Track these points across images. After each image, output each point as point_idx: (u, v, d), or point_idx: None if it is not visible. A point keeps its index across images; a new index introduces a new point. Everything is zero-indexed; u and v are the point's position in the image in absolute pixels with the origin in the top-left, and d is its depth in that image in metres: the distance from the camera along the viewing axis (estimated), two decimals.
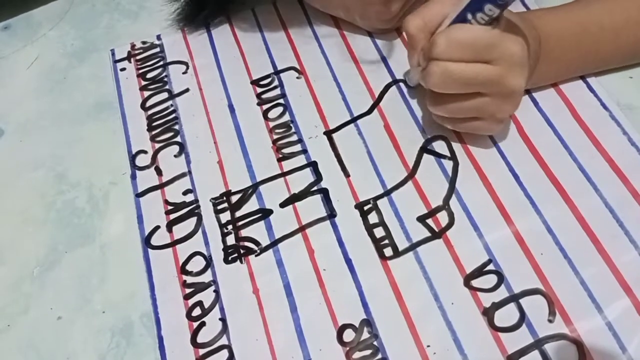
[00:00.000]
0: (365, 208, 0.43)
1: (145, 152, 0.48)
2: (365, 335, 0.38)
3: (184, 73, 0.53)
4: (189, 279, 0.42)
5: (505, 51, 0.38)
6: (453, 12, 0.40)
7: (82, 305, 0.42)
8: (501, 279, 0.39)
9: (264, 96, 0.50)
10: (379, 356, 0.37)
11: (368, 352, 0.38)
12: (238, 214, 0.44)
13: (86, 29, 0.60)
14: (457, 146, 0.45)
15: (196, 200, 0.45)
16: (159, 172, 0.47)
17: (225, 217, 0.44)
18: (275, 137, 0.48)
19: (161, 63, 0.54)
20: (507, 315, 0.38)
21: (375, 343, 0.38)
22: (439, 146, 0.45)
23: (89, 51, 0.58)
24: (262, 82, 0.51)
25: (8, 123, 0.53)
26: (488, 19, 0.38)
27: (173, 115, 0.50)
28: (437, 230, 0.42)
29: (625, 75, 0.47)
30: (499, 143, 0.45)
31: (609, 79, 0.47)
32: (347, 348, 0.38)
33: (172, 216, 0.45)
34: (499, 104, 0.40)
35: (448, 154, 0.45)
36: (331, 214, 0.43)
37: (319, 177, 0.45)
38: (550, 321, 0.37)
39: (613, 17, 0.44)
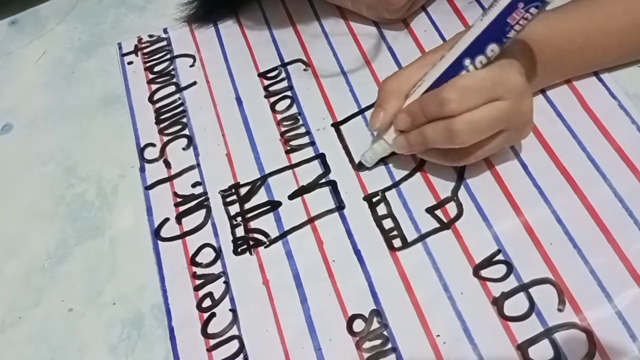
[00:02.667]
0: (374, 200, 0.44)
1: (153, 145, 0.49)
2: (375, 325, 0.38)
3: (191, 66, 0.53)
4: (199, 271, 0.42)
5: (509, 83, 0.38)
6: (437, 69, 0.39)
7: (93, 297, 0.43)
8: (510, 268, 0.39)
9: (271, 88, 0.50)
10: (389, 346, 0.37)
11: (378, 341, 0.38)
12: (247, 206, 0.44)
13: (93, 24, 0.60)
14: None
15: (205, 193, 0.45)
16: (167, 164, 0.47)
17: (234, 209, 0.44)
18: (283, 129, 0.48)
19: (168, 56, 0.54)
20: (516, 305, 0.38)
21: (385, 333, 0.38)
22: None
23: (96, 45, 0.58)
24: (269, 75, 0.51)
25: (16, 118, 0.54)
26: (486, 62, 0.38)
27: (181, 108, 0.50)
28: (445, 221, 0.42)
29: (634, 64, 0.47)
30: None
31: (617, 68, 0.47)
32: (357, 338, 0.38)
33: (182, 208, 0.45)
34: (519, 131, 0.41)
35: None
36: (340, 206, 0.44)
37: (327, 169, 0.45)
38: (560, 310, 0.37)
39: (617, 21, 0.43)
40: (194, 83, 0.52)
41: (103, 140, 0.51)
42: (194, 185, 0.46)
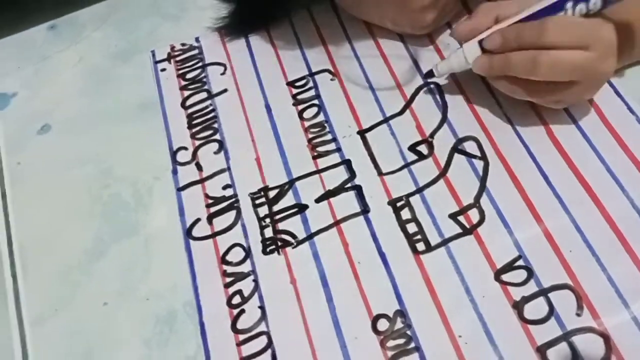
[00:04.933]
0: (398, 204, 0.45)
1: (185, 148, 0.51)
2: (399, 325, 0.40)
3: (222, 74, 0.55)
4: (229, 269, 0.44)
5: (601, 37, 0.41)
6: (537, 5, 0.42)
7: (127, 293, 0.44)
8: (531, 274, 0.41)
9: (299, 97, 0.52)
10: (413, 345, 0.39)
11: (402, 340, 0.39)
12: (275, 208, 0.46)
13: (128, 31, 0.62)
14: (487, 146, 0.47)
15: (235, 195, 0.47)
16: (199, 167, 0.49)
17: (263, 211, 0.46)
18: (310, 136, 0.50)
19: (200, 64, 0.56)
20: (536, 309, 0.39)
21: (408, 332, 0.40)
22: (470, 146, 0.47)
23: (131, 52, 0.60)
24: (297, 84, 0.53)
25: (54, 119, 0.56)
26: (585, 12, 0.41)
27: (212, 114, 0.53)
28: (468, 227, 0.43)
29: None
30: (528, 144, 0.46)
31: (634, 79, 0.48)
32: (382, 337, 0.40)
33: (212, 209, 0.47)
34: (589, 88, 0.43)
35: (479, 154, 0.46)
36: (365, 210, 0.45)
37: (352, 175, 0.47)
38: (578, 315, 0.39)
39: None
40: (225, 90, 0.54)
41: (137, 144, 0.53)
42: (224, 188, 0.48)
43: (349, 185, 0.47)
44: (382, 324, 0.40)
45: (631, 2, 0.44)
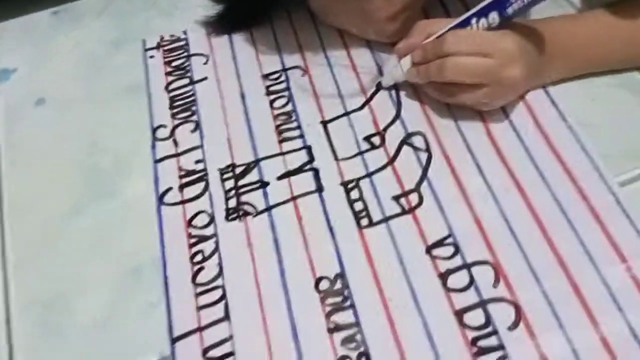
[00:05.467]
0: (349, 186, 0.51)
1: (165, 126, 0.56)
2: (338, 285, 0.45)
3: (204, 64, 0.61)
4: (194, 232, 0.49)
5: (501, 46, 0.48)
6: (450, 24, 0.50)
7: (102, 246, 0.50)
8: (457, 250, 0.46)
9: (271, 88, 0.58)
10: (348, 303, 0.44)
11: (339, 298, 0.45)
12: (240, 182, 0.52)
13: (124, 23, 0.68)
14: (432, 141, 0.53)
15: (205, 169, 0.53)
16: (175, 143, 0.55)
17: (229, 184, 0.52)
18: (278, 122, 0.56)
19: (185, 54, 0.62)
20: (458, 280, 0.45)
21: (345, 293, 0.45)
22: (417, 140, 0.53)
23: (124, 41, 0.66)
24: (271, 77, 0.59)
25: (49, 95, 0.61)
26: (487, 26, 0.49)
27: (192, 98, 0.58)
28: (407, 209, 0.49)
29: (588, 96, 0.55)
30: (468, 140, 0.52)
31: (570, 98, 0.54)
32: (322, 294, 0.45)
33: (184, 180, 0.52)
34: (498, 92, 0.50)
35: (424, 147, 0.52)
36: (319, 189, 0.51)
37: (312, 158, 0.53)
38: (494, 287, 0.44)
39: (621, 21, 0.52)
40: (205, 78, 0.60)
41: (123, 121, 0.58)
42: (196, 162, 0.53)
43: (307, 167, 0.52)
44: (324, 284, 0.45)
45: (561, 17, 0.52)
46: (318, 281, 0.46)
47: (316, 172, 0.52)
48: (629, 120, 0.53)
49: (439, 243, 0.47)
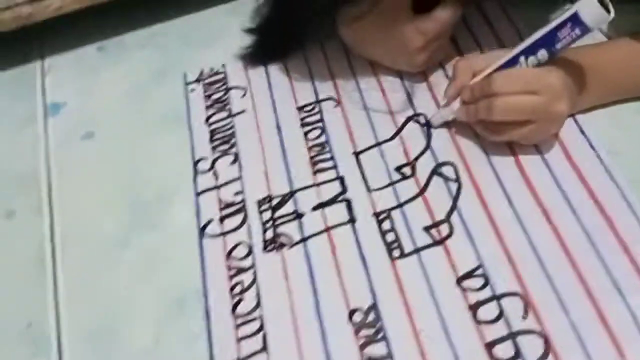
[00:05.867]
0: (381, 217, 0.53)
1: (205, 159, 0.59)
2: (372, 317, 0.47)
3: (242, 97, 0.64)
4: (234, 263, 0.52)
5: (547, 82, 0.49)
6: (500, 60, 0.52)
7: (147, 278, 0.52)
8: (487, 281, 0.47)
9: (305, 120, 0.61)
10: (381, 335, 0.46)
11: (372, 330, 0.46)
12: (277, 214, 0.54)
13: (166, 55, 0.71)
14: (463, 171, 0.54)
15: (244, 201, 0.55)
16: (215, 176, 0.58)
17: (267, 215, 0.54)
18: (312, 154, 0.58)
19: (224, 87, 0.65)
20: (488, 311, 0.46)
21: (378, 325, 0.47)
22: (447, 170, 0.54)
23: (166, 74, 0.69)
24: (305, 109, 0.62)
25: (97, 128, 0.65)
26: (537, 63, 0.50)
27: (231, 130, 0.61)
28: (438, 239, 0.50)
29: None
30: (498, 172, 0.53)
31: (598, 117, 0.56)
32: (356, 327, 0.47)
33: (224, 212, 0.55)
34: (545, 128, 0.51)
35: (454, 177, 0.54)
36: (352, 219, 0.53)
37: (344, 189, 0.55)
38: (524, 318, 0.45)
39: None
40: (244, 111, 0.63)
41: (165, 153, 0.61)
42: (235, 194, 0.56)
43: (340, 198, 0.54)
44: (357, 316, 0.47)
45: (584, 52, 0.53)
46: (352, 313, 0.48)
47: (349, 203, 0.54)
48: None
49: (469, 274, 0.48)
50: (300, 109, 0.62)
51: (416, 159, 0.56)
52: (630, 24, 0.54)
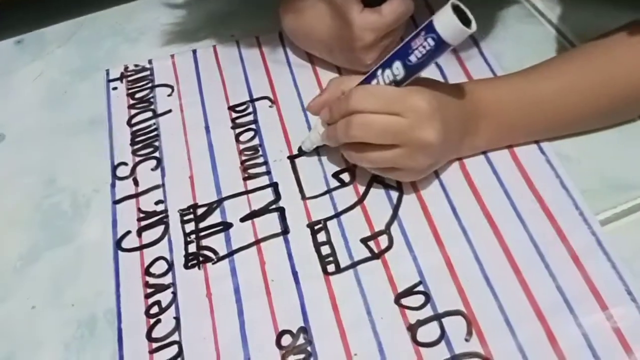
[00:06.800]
0: (316, 227, 0.48)
1: (126, 164, 0.54)
2: (301, 340, 0.42)
3: (169, 95, 0.58)
4: (151, 280, 0.46)
5: (412, 104, 0.43)
6: (361, 79, 0.46)
7: (55, 298, 0.47)
8: (428, 299, 0.43)
9: (237, 121, 0.56)
10: None
11: (301, 356, 0.42)
12: (202, 225, 0.49)
13: (90, 50, 0.66)
14: None
15: (166, 210, 0.50)
16: (136, 182, 0.52)
17: (190, 227, 0.49)
18: (243, 158, 0.53)
19: (149, 85, 0.59)
20: (429, 332, 0.42)
21: (309, 348, 0.42)
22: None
23: (89, 70, 0.63)
24: (237, 108, 0.57)
25: (9, 130, 0.59)
26: (392, 79, 0.44)
27: (155, 132, 0.56)
28: (376, 252, 0.46)
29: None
30: (440, 176, 0.49)
31: None
32: (284, 351, 0.42)
33: (143, 223, 0.50)
34: (412, 155, 0.44)
35: (395, 185, 0.49)
36: (285, 231, 0.48)
37: (278, 197, 0.50)
38: (466, 340, 0.41)
39: (550, 83, 0.48)
40: (169, 111, 0.57)
41: (82, 157, 0.56)
42: (157, 203, 0.51)
43: (273, 206, 0.50)
44: (286, 340, 0.43)
45: (490, 81, 0.49)
46: (280, 335, 0.43)
47: (282, 212, 0.49)
48: (609, 150, 0.50)
49: (409, 291, 0.44)
50: (232, 108, 0.57)
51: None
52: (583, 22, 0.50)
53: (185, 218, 0.50)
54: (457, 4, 0.40)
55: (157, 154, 0.54)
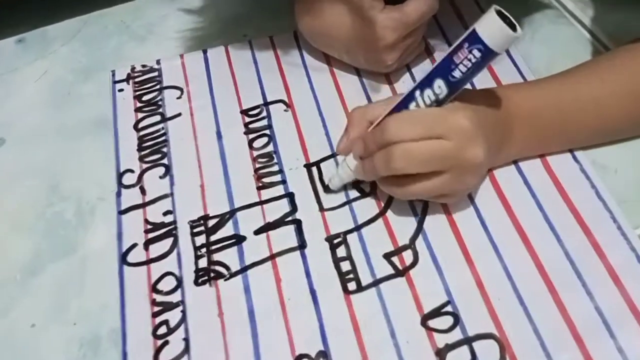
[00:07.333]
0: (335, 241, 0.45)
1: (132, 171, 0.51)
2: None
3: (178, 98, 0.55)
4: (159, 298, 0.43)
5: (454, 124, 0.39)
6: (393, 103, 0.42)
7: (57, 314, 0.44)
8: (457, 320, 0.40)
9: (251, 126, 0.53)
10: None
11: None
12: (213, 238, 0.46)
13: (95, 48, 0.63)
14: None
15: (174, 222, 0.47)
16: (143, 191, 0.49)
17: (201, 240, 0.46)
18: (257, 166, 0.50)
19: (157, 87, 0.56)
20: (459, 357, 0.39)
21: None
22: None
23: (94, 70, 0.60)
24: (251, 112, 0.53)
25: (10, 133, 0.56)
26: (435, 99, 0.40)
27: (163, 137, 0.53)
28: (401, 269, 0.43)
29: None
30: None
31: None
32: None
33: (150, 235, 0.47)
34: (461, 178, 0.41)
35: None
36: (302, 245, 0.45)
37: (294, 208, 0.47)
38: None
39: (590, 87, 0.44)
40: (179, 114, 0.54)
41: (87, 163, 0.53)
42: (165, 214, 0.48)
43: (289, 218, 0.47)
44: None
45: (524, 86, 0.46)
46: None
47: (299, 224, 0.46)
48: None
49: (436, 312, 0.41)
50: (244, 112, 0.54)
51: None
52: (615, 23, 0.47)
53: (196, 230, 0.46)
54: (500, 9, 0.37)
55: (165, 161, 0.51)
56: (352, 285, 0.43)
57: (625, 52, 0.45)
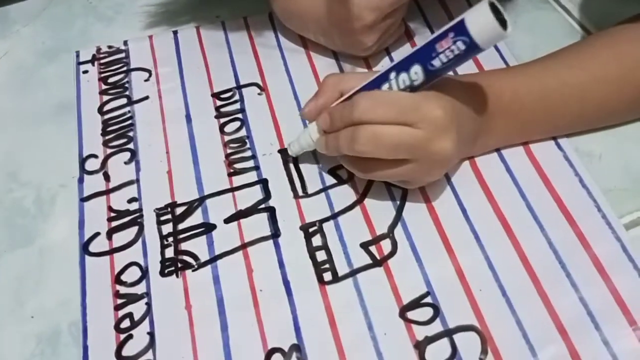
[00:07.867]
0: (310, 230, 0.43)
1: (95, 156, 0.48)
2: None
3: (145, 80, 0.53)
4: (122, 289, 0.41)
5: (428, 114, 0.37)
6: (366, 80, 0.40)
7: (14, 308, 0.41)
8: (437, 312, 0.39)
9: (222, 109, 0.50)
10: None
11: None
12: (180, 226, 0.43)
13: (59, 30, 0.60)
14: None
15: (140, 209, 0.44)
16: (107, 177, 0.47)
17: (167, 228, 0.43)
18: (228, 151, 0.47)
19: (124, 69, 0.53)
20: (439, 350, 0.37)
21: None
22: None
23: (58, 52, 0.57)
24: (222, 96, 0.51)
25: None
26: (409, 84, 0.38)
27: (129, 121, 0.50)
28: (378, 258, 0.41)
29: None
30: (448, 174, 0.44)
31: None
32: None
33: (114, 224, 0.44)
34: (424, 168, 0.39)
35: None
36: (275, 234, 0.43)
37: (267, 195, 0.45)
38: (481, 359, 0.37)
39: (574, 73, 0.43)
40: (146, 97, 0.51)
41: (48, 148, 0.50)
42: (130, 201, 0.45)
43: (262, 206, 0.44)
44: (276, 359, 0.37)
45: (507, 71, 0.44)
46: (270, 354, 0.38)
47: (272, 212, 0.44)
48: (633, 145, 0.46)
49: (416, 303, 0.39)
50: (216, 95, 0.51)
51: None
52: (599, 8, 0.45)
53: (162, 218, 0.44)
54: (493, 2, 0.34)
55: (131, 146, 0.48)
56: (327, 276, 0.41)
57: (613, 33, 0.44)
